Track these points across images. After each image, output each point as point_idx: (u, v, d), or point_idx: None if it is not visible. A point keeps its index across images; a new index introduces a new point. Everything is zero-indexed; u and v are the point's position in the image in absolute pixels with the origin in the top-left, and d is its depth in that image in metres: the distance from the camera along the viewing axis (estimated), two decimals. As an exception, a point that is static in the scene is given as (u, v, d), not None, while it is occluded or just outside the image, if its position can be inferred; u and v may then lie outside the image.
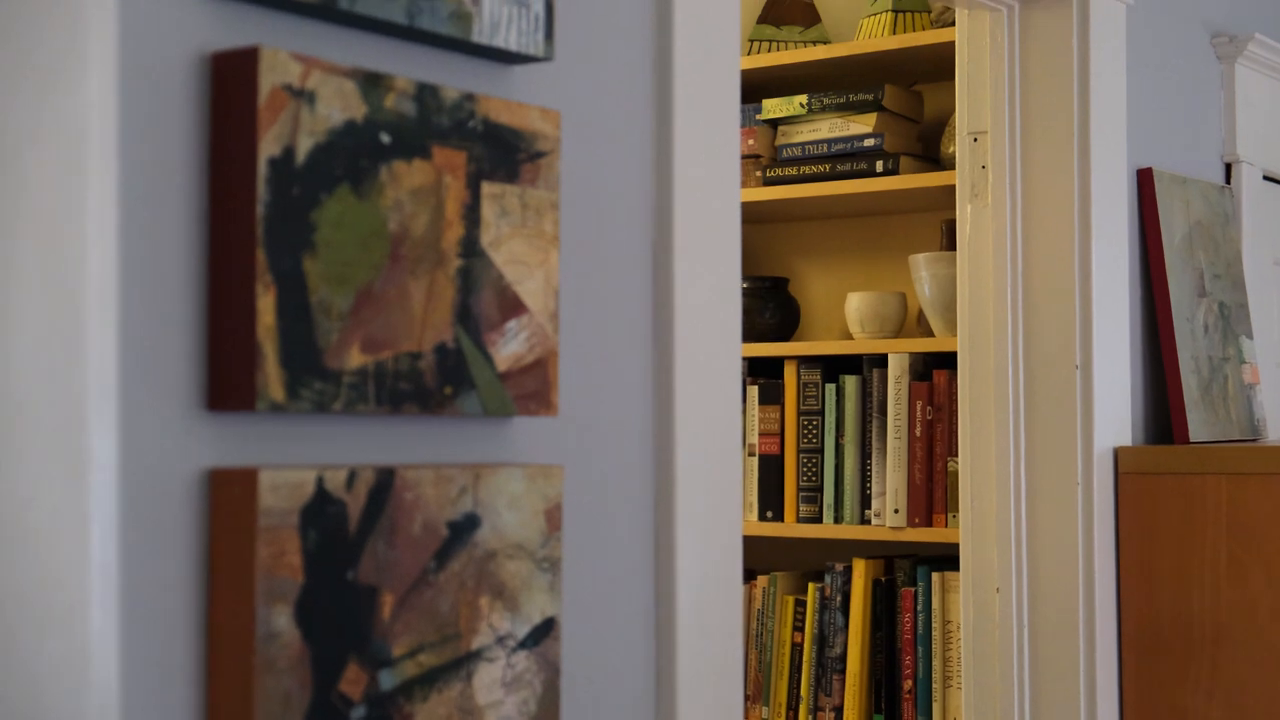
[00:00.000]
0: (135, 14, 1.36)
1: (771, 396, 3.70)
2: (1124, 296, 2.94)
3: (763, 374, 3.75)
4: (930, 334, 3.61)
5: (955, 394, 3.28)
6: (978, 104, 2.94)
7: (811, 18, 3.87)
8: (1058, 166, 2.87)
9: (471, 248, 1.61)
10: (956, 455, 3.35)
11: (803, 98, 3.65)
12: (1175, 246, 3.09)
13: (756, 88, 3.76)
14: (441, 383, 1.57)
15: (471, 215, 1.61)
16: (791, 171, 3.66)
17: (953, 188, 3.06)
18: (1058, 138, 2.87)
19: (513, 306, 1.66)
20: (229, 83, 1.41)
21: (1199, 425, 3.03)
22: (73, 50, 1.26)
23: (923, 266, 3.54)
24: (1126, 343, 2.94)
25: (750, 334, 3.72)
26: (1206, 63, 3.34)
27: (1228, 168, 3.40)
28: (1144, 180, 3.05)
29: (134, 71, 1.36)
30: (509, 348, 1.65)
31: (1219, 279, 3.21)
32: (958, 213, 2.97)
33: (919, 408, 3.50)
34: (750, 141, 3.70)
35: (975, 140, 2.94)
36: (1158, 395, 3.07)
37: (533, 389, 1.67)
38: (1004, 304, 2.90)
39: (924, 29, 3.58)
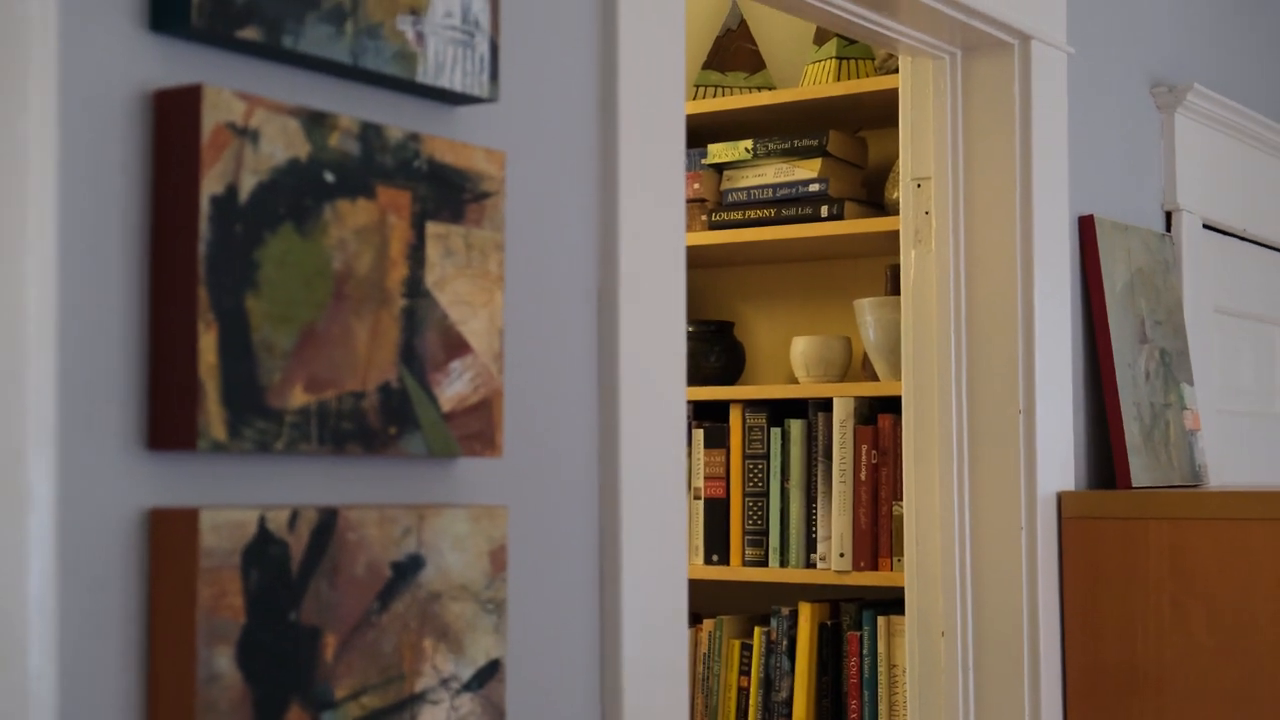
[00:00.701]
0: (77, 50, 1.35)
1: (717, 440, 3.70)
2: (1066, 342, 2.96)
3: (708, 417, 3.75)
4: (875, 378, 3.62)
5: (900, 438, 3.29)
6: (921, 150, 2.96)
7: (756, 64, 3.89)
8: (1000, 213, 2.89)
9: (416, 287, 1.60)
10: (901, 499, 3.36)
11: (748, 143, 3.67)
12: (1117, 293, 3.11)
13: (702, 132, 3.78)
14: (386, 423, 1.56)
15: (416, 255, 1.61)
16: (737, 216, 3.68)
17: (897, 233, 3.08)
18: (1000, 184, 2.90)
19: (457, 346, 1.65)
20: (172, 120, 1.41)
21: (1141, 470, 3.05)
22: (12, 84, 1.25)
23: (867, 311, 3.56)
24: (1069, 388, 2.96)
25: (695, 377, 3.72)
26: (1147, 111, 3.37)
27: (1168, 216, 3.43)
28: (1085, 227, 3.08)
29: (75, 107, 1.35)
30: (453, 388, 1.64)
31: (1160, 325, 3.24)
32: (902, 258, 2.98)
33: (864, 451, 3.50)
34: (696, 186, 3.71)
35: (919, 186, 2.96)
36: (1100, 440, 3.08)
37: (477, 429, 1.67)
38: (948, 349, 2.91)
39: (868, 75, 3.61)
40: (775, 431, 3.64)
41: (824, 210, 3.58)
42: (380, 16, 1.57)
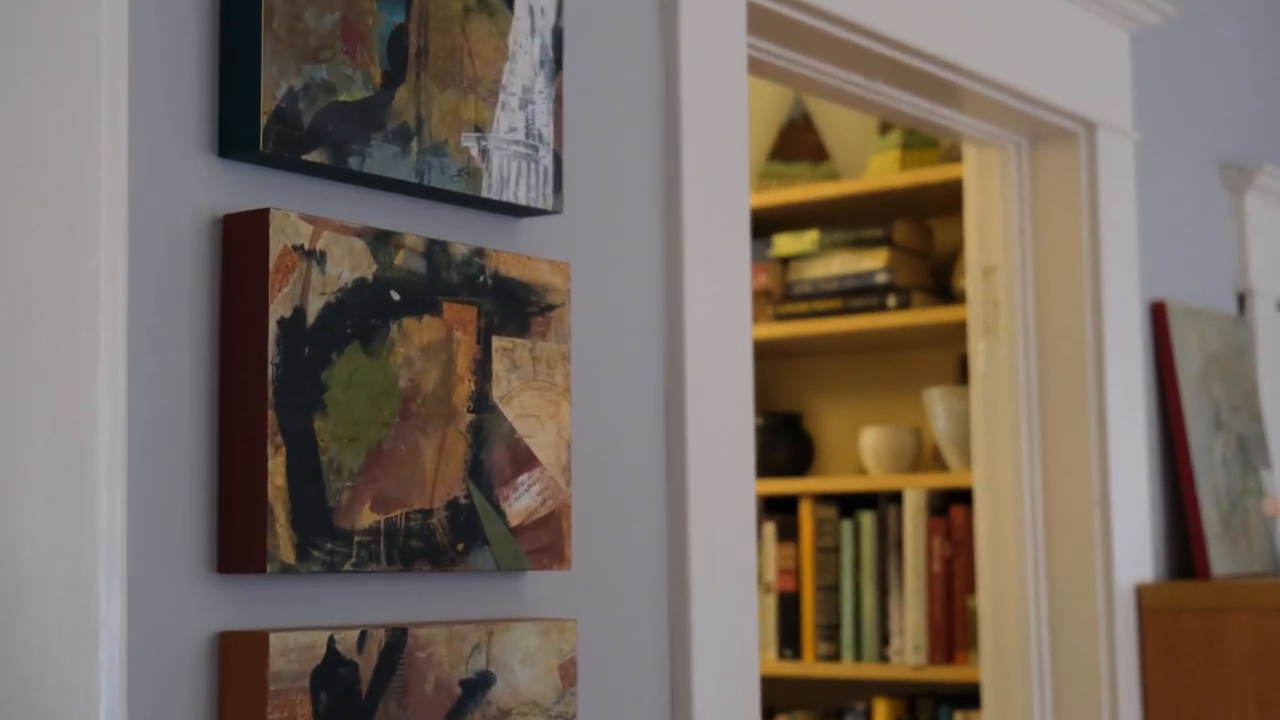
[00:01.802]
0: (146, 176, 1.36)
1: (787, 533, 3.67)
2: (1141, 430, 2.93)
3: (778, 510, 3.73)
4: (946, 469, 3.59)
5: (973, 529, 3.25)
6: (988, 239, 2.95)
7: (820, 154, 3.89)
8: (1070, 301, 2.87)
9: (483, 402, 1.60)
10: (976, 592, 3.31)
11: (814, 234, 3.66)
12: (1191, 379, 3.07)
13: (767, 223, 3.78)
14: (454, 539, 1.56)
15: (482, 370, 1.60)
16: (803, 307, 3.67)
17: (965, 321, 3.06)
18: (1069, 272, 2.87)
19: (525, 460, 1.65)
20: (240, 245, 1.42)
21: (1220, 559, 2.99)
22: (85, 211, 1.26)
23: (937, 401, 3.53)
24: (1145, 476, 2.92)
25: (765, 469, 3.70)
26: (1216, 194, 3.34)
27: (1241, 298, 3.39)
28: (1157, 313, 3.04)
29: (144, 232, 1.36)
30: (521, 502, 1.63)
31: (1236, 411, 3.19)
32: (970, 348, 2.96)
33: (936, 543, 3.47)
34: (762, 278, 3.70)
35: (986, 275, 2.94)
36: (1178, 529, 3.04)
37: (545, 543, 1.66)
38: (1019, 439, 2.88)
39: (933, 164, 3.60)
40: (846, 524, 3.61)
41: (891, 300, 3.56)
42: (445, 134, 1.58)
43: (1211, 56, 3.38)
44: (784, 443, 3.79)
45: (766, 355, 3.87)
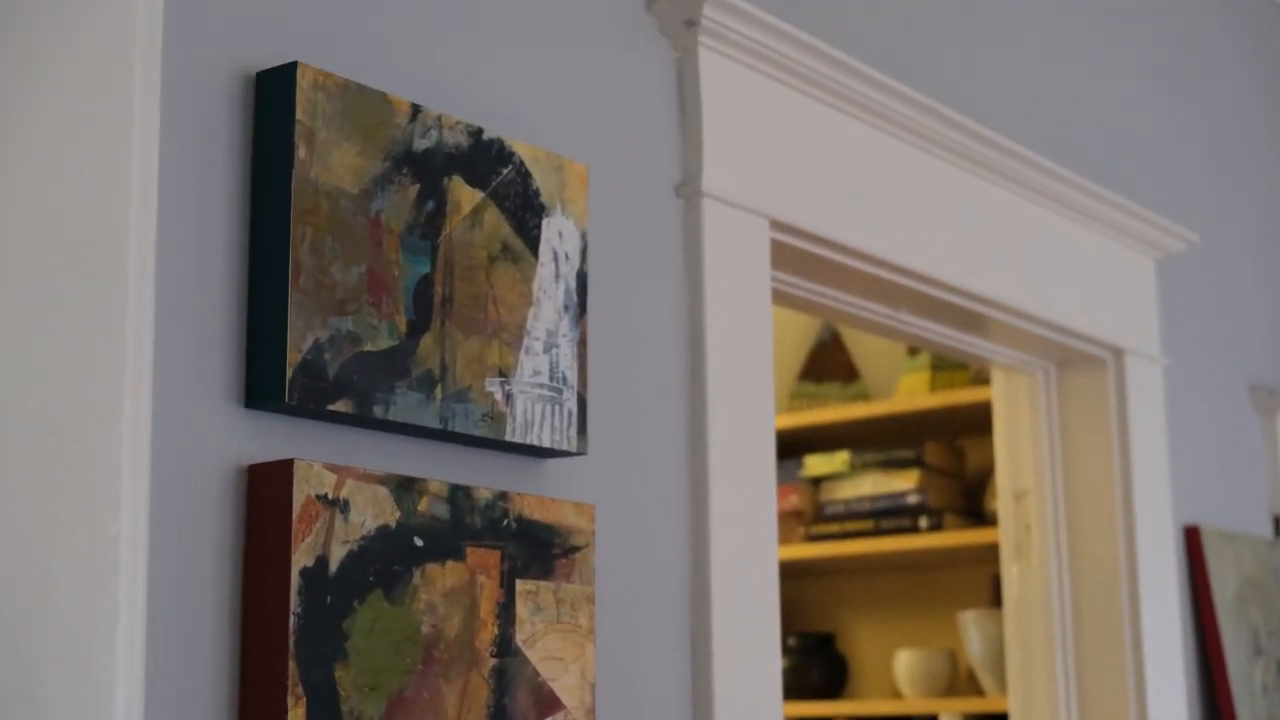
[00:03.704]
0: (172, 427, 1.38)
1: (821, 758, 3.62)
2: (1177, 657, 2.89)
3: (812, 734, 3.67)
4: (981, 692, 3.54)
5: (1009, 757, 3.20)
6: (1018, 463, 2.94)
7: (851, 374, 3.91)
8: (1102, 526, 2.85)
9: (506, 646, 1.60)
10: (1014, 821, 3.24)
11: (845, 454, 3.66)
12: (1228, 604, 3.04)
13: (798, 444, 3.78)
14: (474, 788, 1.54)
15: (506, 613, 1.60)
16: (835, 528, 3.66)
17: (998, 543, 3.04)
18: (1101, 497, 2.86)
19: (549, 704, 1.64)
20: (264, 495, 1.43)
21: (1263, 790, 2.93)
22: (107, 476, 1.27)
23: (971, 624, 3.50)
24: (1183, 704, 2.87)
25: (798, 693, 3.66)
26: (1246, 416, 3.34)
27: (1276, 521, 3.37)
28: (1191, 538, 3.02)
29: (169, 484, 1.37)
30: (544, 748, 1.62)
31: (1274, 636, 3.15)
32: (1003, 572, 2.94)
33: (973, 770, 3.41)
34: (793, 498, 3.70)
35: (1018, 500, 2.93)
36: (1218, 759, 2.98)
37: (568, 790, 1.64)
38: (1054, 664, 2.84)
39: (963, 385, 3.61)
40: (881, 749, 3.56)
41: (923, 521, 3.55)
42: (469, 380, 1.59)
43: (1237, 281, 3.40)
44: (817, 664, 3.75)
45: (799, 575, 3.85)
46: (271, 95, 1.48)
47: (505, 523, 1.61)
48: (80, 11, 1.35)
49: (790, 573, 3.69)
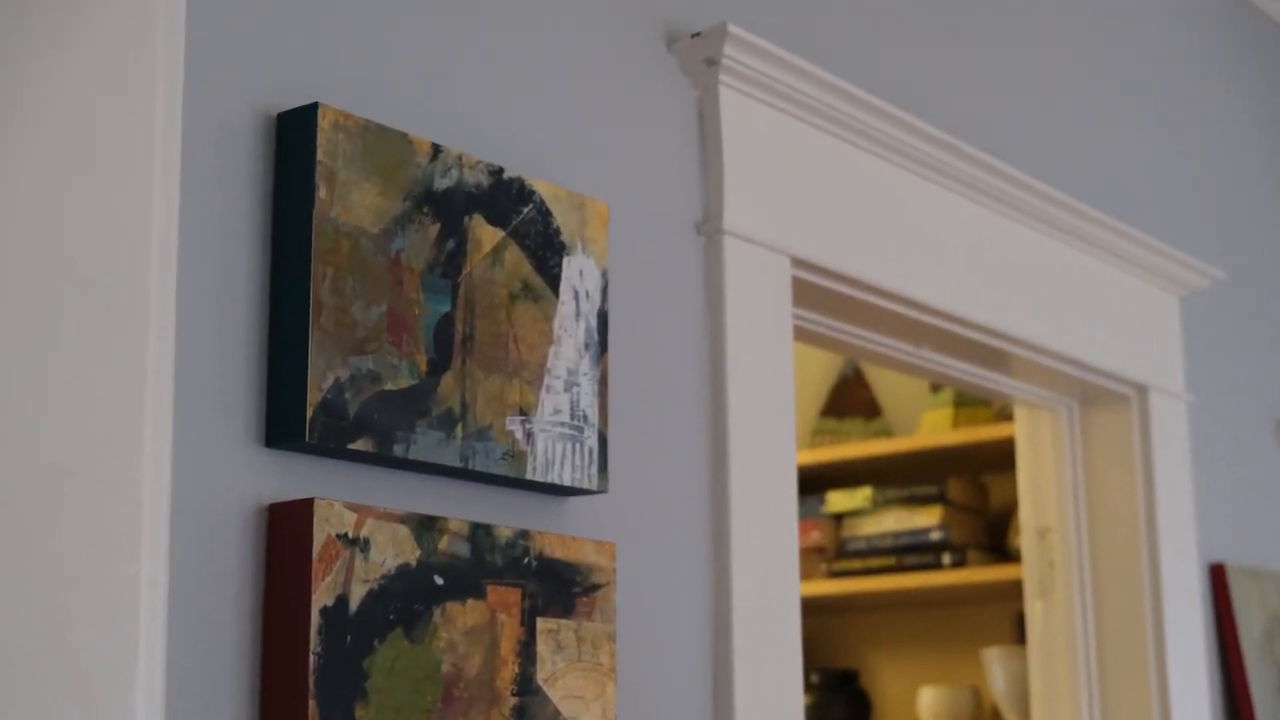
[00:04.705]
0: (193, 467, 1.38)
1: (845, 796, 3.60)
2: (1203, 695, 2.87)
3: (835, 772, 3.65)
4: (1006, 730, 3.51)
5: (1034, 796, 3.18)
6: (1042, 500, 2.93)
7: (873, 410, 3.90)
8: (1127, 563, 2.84)
9: (527, 685, 1.59)
10: None
11: (867, 491, 3.65)
12: (1254, 642, 3.02)
13: (820, 480, 3.77)
14: (494, 829, 1.53)
15: (526, 652, 1.60)
16: (858, 564, 3.64)
17: (1021, 579, 3.03)
18: (1125, 534, 2.85)
19: (569, 743, 1.63)
20: (284, 534, 1.43)
21: (1291, 830, 2.91)
22: (127, 517, 1.28)
23: (995, 661, 3.48)
24: (1209, 743, 2.85)
25: (821, 730, 3.64)
26: (1272, 453, 3.32)
27: (1302, 557, 3.35)
28: (1217, 575, 3.00)
29: (190, 523, 1.37)
30: (564, 788, 1.61)
31: (1301, 674, 3.13)
32: (1027, 609, 2.92)
33: (997, 809, 3.38)
34: (815, 534, 3.69)
35: (1041, 537, 2.92)
36: (1245, 798, 2.95)
37: (589, 830, 1.63)
38: (1079, 704, 2.82)
39: (986, 422, 3.60)
40: (905, 787, 3.54)
41: (946, 558, 3.53)
42: (490, 419, 1.60)
43: (1262, 317, 3.39)
44: (840, 701, 3.73)
45: (821, 612, 3.83)
46: (292, 136, 1.49)
47: (526, 561, 1.61)
48: (102, 51, 1.36)
49: (813, 609, 3.68)
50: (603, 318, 1.74)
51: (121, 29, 1.36)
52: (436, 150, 1.59)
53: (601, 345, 1.73)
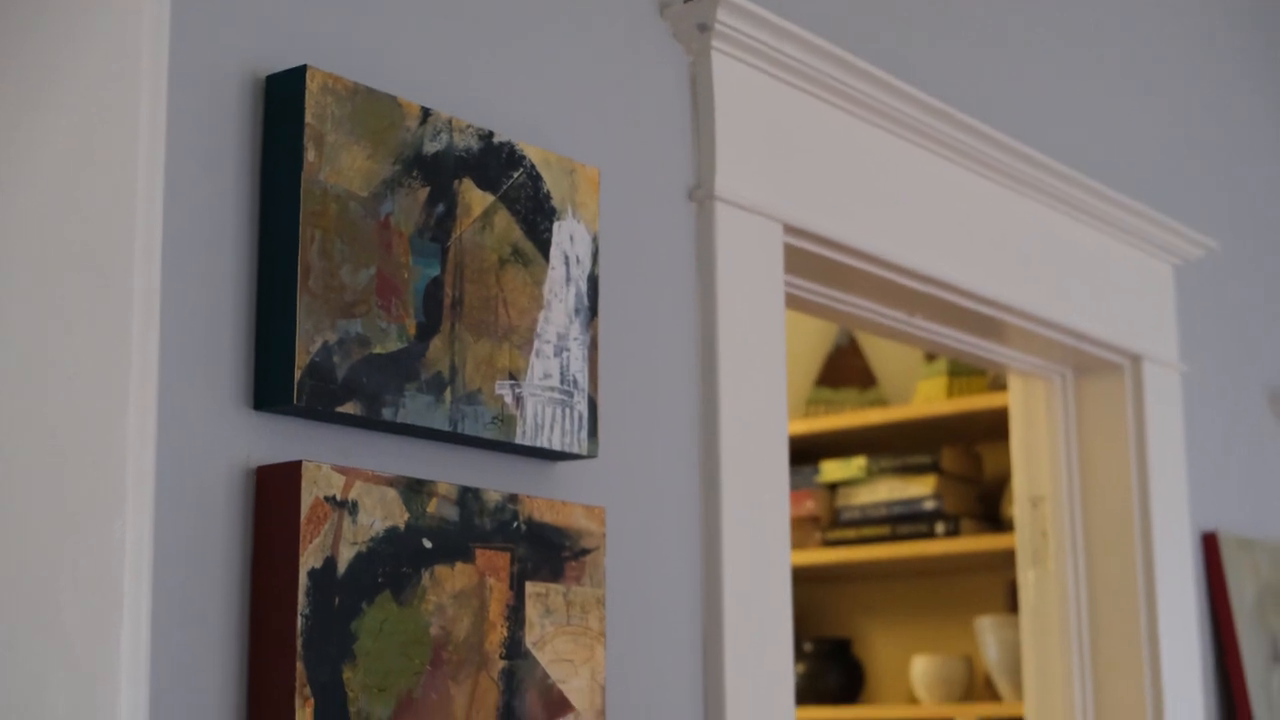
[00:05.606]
0: (180, 429, 1.38)
1: (838, 764, 3.61)
2: (1195, 663, 2.87)
3: (828, 740, 3.67)
4: (997, 698, 3.53)
5: (1026, 763, 3.19)
6: (1035, 469, 2.93)
7: (868, 379, 3.91)
8: (1119, 532, 2.84)
9: (515, 648, 1.60)
10: (1030, 828, 3.23)
11: (861, 460, 3.66)
12: (1246, 611, 3.03)
13: (814, 449, 3.78)
14: (483, 791, 1.54)
15: (515, 616, 1.60)
16: (851, 533, 3.65)
17: (1015, 548, 3.03)
18: (1118, 503, 2.85)
19: (558, 706, 1.64)
20: (272, 496, 1.43)
21: (1281, 798, 2.92)
22: (111, 475, 1.28)
23: (988, 630, 3.49)
24: (1200, 711, 2.86)
25: (814, 697, 3.65)
26: (1265, 422, 3.33)
27: (1295, 527, 3.35)
28: (1209, 545, 3.01)
29: (176, 485, 1.37)
30: (553, 751, 1.62)
31: (1292, 643, 3.14)
32: (1019, 578, 2.93)
33: (989, 777, 3.40)
34: (809, 504, 3.70)
35: (1034, 505, 2.92)
36: (1236, 766, 2.97)
37: (577, 793, 1.64)
38: (1071, 670, 2.83)
39: (980, 391, 3.60)
40: (897, 754, 3.55)
41: (939, 527, 3.54)
42: (479, 383, 1.60)
43: (1256, 287, 3.39)
44: (834, 669, 3.74)
45: (815, 580, 3.84)
46: (281, 98, 1.48)
47: (515, 525, 1.61)
48: (87, 16, 1.36)
49: (807, 578, 3.69)
50: (593, 283, 1.74)
51: (109, -10, 1.35)
52: (426, 114, 1.59)
53: (591, 310, 1.73)
